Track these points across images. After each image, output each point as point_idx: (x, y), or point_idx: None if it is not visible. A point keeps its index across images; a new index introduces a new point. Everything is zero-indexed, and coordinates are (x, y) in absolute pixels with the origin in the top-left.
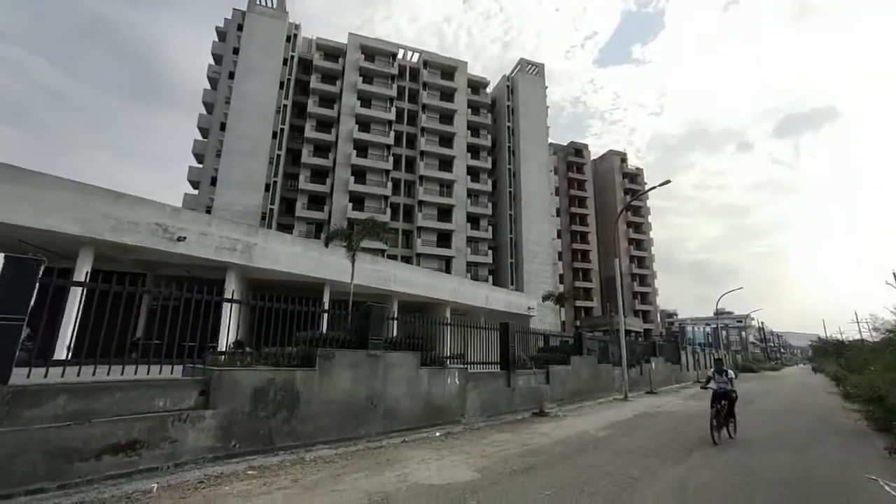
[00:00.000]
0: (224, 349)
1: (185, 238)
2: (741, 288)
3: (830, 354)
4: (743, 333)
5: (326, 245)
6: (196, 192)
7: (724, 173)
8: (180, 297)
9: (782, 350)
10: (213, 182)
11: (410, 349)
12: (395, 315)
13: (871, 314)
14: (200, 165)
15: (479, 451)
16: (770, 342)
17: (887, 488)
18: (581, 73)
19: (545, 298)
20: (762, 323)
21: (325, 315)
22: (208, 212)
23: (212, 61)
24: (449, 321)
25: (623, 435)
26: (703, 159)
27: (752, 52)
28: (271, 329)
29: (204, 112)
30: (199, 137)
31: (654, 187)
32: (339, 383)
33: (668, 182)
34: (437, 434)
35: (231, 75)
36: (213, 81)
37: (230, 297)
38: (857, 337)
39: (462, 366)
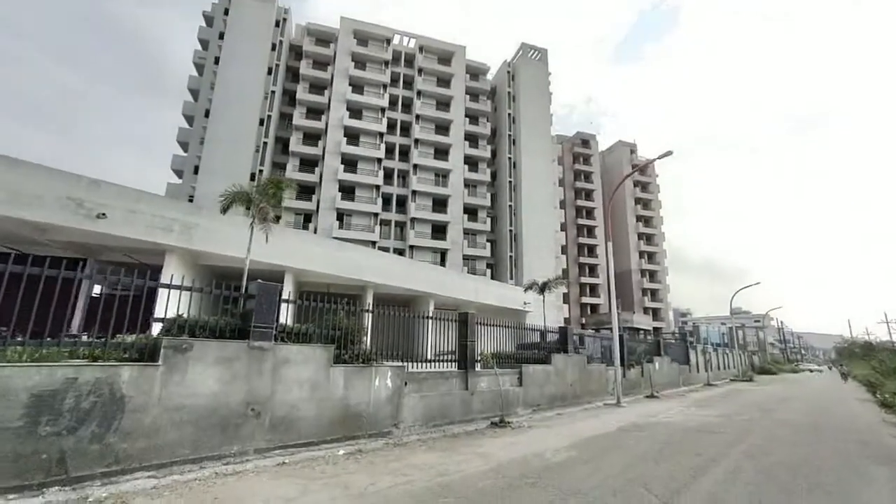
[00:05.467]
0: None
1: (104, 215)
2: (758, 283)
3: (857, 356)
4: (761, 334)
5: (223, 212)
6: (180, 181)
7: (737, 173)
8: (117, 283)
9: (803, 351)
10: (197, 171)
11: (323, 342)
12: (370, 308)
13: None
14: (185, 154)
15: (366, 483)
16: (790, 343)
17: None
18: (595, 70)
19: (527, 289)
20: (781, 322)
21: (287, 306)
22: (191, 201)
23: (199, 47)
24: (431, 315)
25: (588, 460)
26: (716, 159)
27: (766, 53)
28: None
29: (190, 99)
30: (185, 125)
31: (656, 158)
32: (201, 384)
33: (670, 153)
34: (342, 452)
35: (217, 61)
36: (199, 67)
37: (169, 283)
38: (888, 338)
39: (398, 364)
